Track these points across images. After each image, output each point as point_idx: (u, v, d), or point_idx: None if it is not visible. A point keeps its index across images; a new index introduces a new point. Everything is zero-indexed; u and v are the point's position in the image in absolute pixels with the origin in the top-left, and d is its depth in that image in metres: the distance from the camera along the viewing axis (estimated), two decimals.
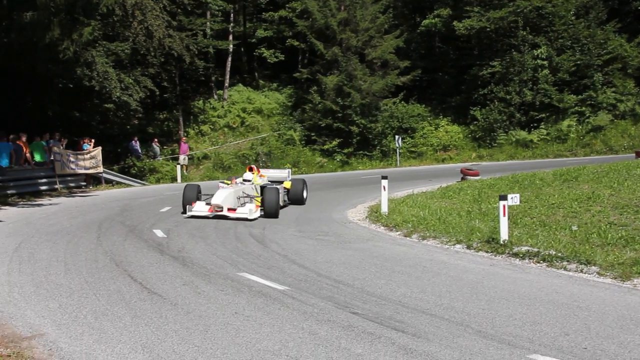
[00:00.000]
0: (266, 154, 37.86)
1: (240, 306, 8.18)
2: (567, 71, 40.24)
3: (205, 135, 41.20)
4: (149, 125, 39.07)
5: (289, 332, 7.07)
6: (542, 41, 40.61)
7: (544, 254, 11.17)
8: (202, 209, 17.46)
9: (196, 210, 17.41)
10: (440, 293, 8.92)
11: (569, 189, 17.96)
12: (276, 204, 17.45)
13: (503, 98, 40.14)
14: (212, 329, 7.17)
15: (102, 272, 10.23)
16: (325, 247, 12.78)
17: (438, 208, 16.99)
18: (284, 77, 46.73)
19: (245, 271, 10.32)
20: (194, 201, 17.81)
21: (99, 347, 6.56)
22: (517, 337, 6.93)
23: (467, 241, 12.85)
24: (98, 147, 28.32)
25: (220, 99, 43.82)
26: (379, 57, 41.22)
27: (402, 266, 10.89)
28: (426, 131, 41.98)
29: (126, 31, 31.30)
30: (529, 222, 14.22)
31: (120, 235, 14.26)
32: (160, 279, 9.74)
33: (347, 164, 38.85)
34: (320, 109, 39.62)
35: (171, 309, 8.04)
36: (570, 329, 7.20)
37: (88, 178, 28.10)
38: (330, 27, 40.63)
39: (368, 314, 7.78)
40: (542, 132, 40.03)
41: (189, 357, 6.27)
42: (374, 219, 16.61)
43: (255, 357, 6.26)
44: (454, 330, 7.15)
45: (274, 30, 46.15)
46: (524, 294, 8.89)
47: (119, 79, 31.01)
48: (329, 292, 8.96)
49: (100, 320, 7.56)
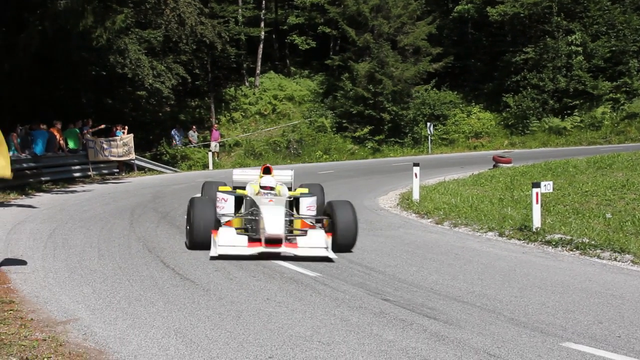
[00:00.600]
0: (297, 141, 37.89)
1: (272, 292, 8.21)
2: (602, 57, 39.68)
3: (237, 122, 41.31)
4: (180, 113, 39.24)
5: (320, 318, 7.09)
6: (577, 27, 40.07)
7: (577, 241, 11.09)
8: (239, 242, 10.35)
9: (228, 246, 10.27)
10: (472, 280, 8.89)
11: (602, 177, 17.80)
12: (356, 228, 11.14)
13: (536, 85, 39.71)
14: (244, 315, 7.20)
15: (135, 258, 10.32)
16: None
17: (470, 195, 16.91)
18: (315, 64, 46.66)
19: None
20: (214, 228, 10.63)
21: (133, 332, 6.62)
22: (549, 325, 6.88)
23: (499, 229, 12.79)
24: (130, 134, 28.51)
25: (251, 86, 43.89)
26: (411, 44, 40.99)
27: (434, 253, 10.87)
28: (458, 118, 41.70)
29: (158, 18, 31.38)
30: (562, 209, 14.12)
31: (153, 221, 14.38)
32: (192, 265, 9.80)
33: (379, 151, 38.74)
34: (351, 96, 39.53)
35: (203, 295, 8.10)
36: (604, 317, 7.14)
37: (120, 165, 28.33)
38: (362, 13, 40.45)
39: (399, 301, 7.77)
40: (576, 119, 39.56)
41: (221, 342, 6.30)
42: (405, 206, 16.58)
43: (287, 343, 6.28)
44: (486, 318, 7.12)
45: (305, 17, 46.08)
46: (556, 282, 8.83)
47: (151, 66, 31.16)
48: (361, 278, 8.96)
49: (134, 305, 7.63)
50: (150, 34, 32.74)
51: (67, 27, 23.58)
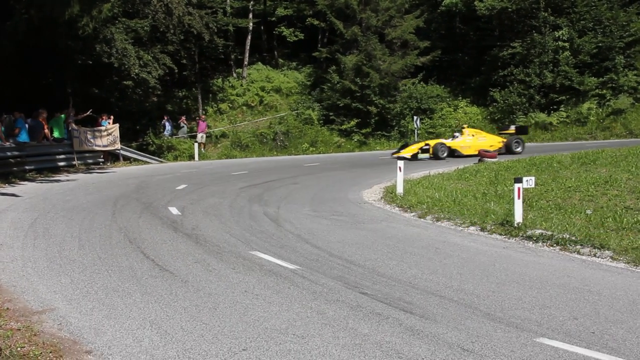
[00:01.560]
0: (284, 133, 37.84)
1: (251, 284, 8.22)
2: (589, 53, 39.77)
3: (224, 113, 41.22)
4: (167, 103, 39.12)
5: (297, 311, 7.10)
6: (564, 23, 40.16)
7: (558, 237, 11.11)
8: None
9: None
10: (451, 275, 8.92)
11: (586, 173, 17.86)
12: None
13: (523, 80, 39.79)
14: (220, 307, 7.21)
15: (115, 249, 10.31)
16: (338, 227, 12.79)
17: (454, 190, 16.94)
18: (303, 56, 46.58)
19: (258, 250, 10.36)
20: None
21: (108, 323, 6.63)
22: (525, 320, 6.91)
23: (482, 223, 12.81)
24: (116, 124, 28.44)
25: (239, 77, 43.79)
26: (398, 37, 40.98)
27: (415, 247, 10.89)
28: (445, 112, 41.74)
29: (146, 8, 31.26)
30: (544, 205, 14.16)
31: (135, 212, 14.35)
32: (172, 256, 9.80)
33: (365, 144, 38.75)
34: (338, 88, 39.49)
35: (181, 286, 8.10)
36: (580, 313, 7.17)
37: (106, 155, 28.27)
38: (350, 6, 40.40)
39: (377, 295, 7.79)
40: (562, 114, 39.65)
41: (196, 334, 6.31)
42: (389, 200, 16.58)
43: (262, 335, 6.30)
44: (462, 312, 7.14)
45: (294, 9, 46.00)
46: (535, 277, 8.86)
47: (138, 56, 31.06)
48: (340, 272, 8.98)
49: (111, 296, 7.63)
50: (137, 23, 32.60)
51: (53, 16, 23.45)
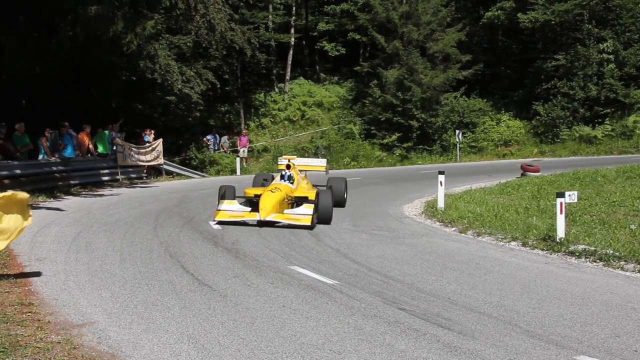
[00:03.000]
0: (325, 148, 37.91)
1: (289, 299, 8.22)
2: (634, 65, 39.23)
3: (266, 128, 41.49)
4: (210, 118, 39.51)
5: (334, 326, 7.08)
6: (609, 35, 39.67)
7: (601, 253, 10.95)
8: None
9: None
10: (490, 291, 8.82)
11: (631, 187, 17.60)
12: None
13: (566, 93, 39.35)
14: (258, 321, 7.22)
15: (155, 263, 10.39)
16: (378, 242, 12.75)
17: (495, 204, 16.79)
18: (344, 71, 46.71)
19: (297, 264, 10.37)
20: None
21: (146, 337, 6.68)
22: (565, 337, 6.80)
23: (523, 238, 12.68)
24: (159, 139, 28.73)
25: (281, 92, 44.05)
26: (440, 51, 40.89)
27: (455, 262, 10.80)
28: (487, 126, 41.42)
29: (188, 24, 31.55)
30: (588, 219, 13.97)
31: (177, 226, 14.46)
32: (211, 271, 9.85)
33: (407, 159, 38.64)
34: (380, 102, 39.50)
35: (220, 301, 8.13)
36: (622, 331, 7.04)
37: (149, 169, 28.56)
38: (391, 20, 40.44)
39: (415, 310, 7.74)
40: (607, 127, 39.12)
41: (233, 349, 6.33)
42: (429, 215, 16.51)
43: (298, 350, 6.29)
44: (501, 329, 7.06)
45: (335, 24, 46.17)
46: (577, 293, 8.73)
47: (181, 71, 31.41)
48: (379, 287, 8.94)
49: (150, 310, 7.68)
50: (180, 39, 33.03)
51: (97, 33, 23.82)
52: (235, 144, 37.24)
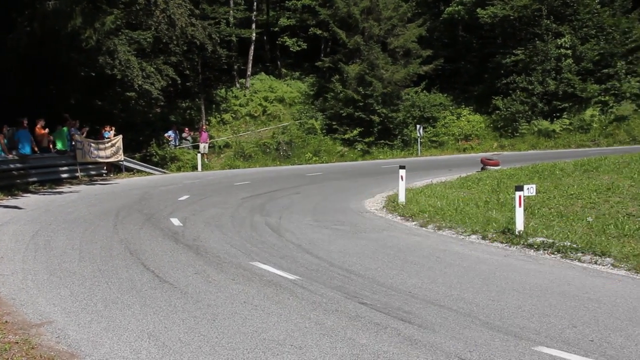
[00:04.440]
0: (287, 143, 37.87)
1: (250, 295, 8.21)
2: (591, 60, 39.82)
3: (227, 123, 41.31)
4: (170, 114, 39.21)
5: (295, 321, 7.10)
6: (566, 30, 40.21)
7: (559, 245, 11.10)
8: None
9: None
10: (451, 284, 8.90)
11: (588, 180, 17.83)
12: None
13: (525, 87, 39.83)
14: (219, 318, 7.21)
15: (115, 260, 10.31)
16: (340, 237, 12.78)
17: (456, 198, 16.91)
18: (306, 66, 46.68)
19: (258, 260, 10.36)
20: None
21: (106, 335, 6.63)
22: (524, 328, 6.90)
23: (483, 232, 12.79)
24: (119, 136, 28.49)
25: (242, 87, 43.88)
26: (401, 46, 41.07)
27: (416, 256, 10.87)
28: (448, 120, 41.76)
29: (148, 20, 31.29)
30: (546, 212, 14.14)
31: (137, 223, 14.36)
32: (172, 268, 9.80)
33: (368, 153, 38.77)
34: (341, 98, 39.56)
35: (181, 298, 8.10)
36: (579, 321, 7.15)
37: (109, 166, 28.31)
38: (352, 15, 40.51)
39: (376, 305, 7.78)
40: (565, 122, 39.66)
41: (194, 346, 6.31)
42: (391, 209, 16.58)
43: (260, 346, 6.29)
44: (462, 322, 7.13)
45: (296, 19, 46.11)
46: (535, 285, 8.84)
47: (141, 67, 31.11)
48: (340, 282, 8.97)
49: (110, 308, 7.63)
50: (140, 35, 32.69)
51: (55, 28, 23.54)
52: (196, 139, 37.02)
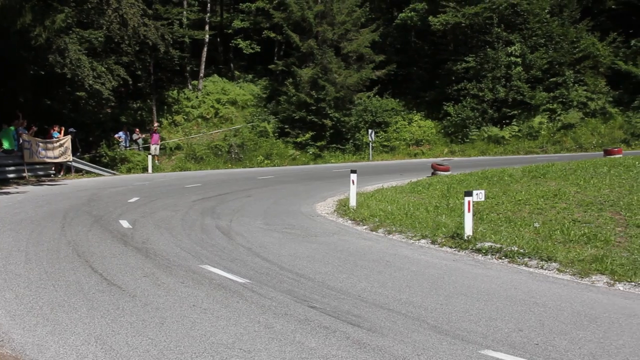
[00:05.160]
0: (239, 146, 37.74)
1: (199, 299, 8.17)
2: (540, 69, 40.52)
3: (179, 125, 40.98)
4: (121, 115, 38.76)
5: (244, 325, 7.08)
6: (516, 38, 40.84)
7: (506, 250, 11.26)
8: None
9: None
10: (400, 288, 8.96)
11: (536, 186, 18.09)
12: None
13: (476, 94, 40.33)
14: (167, 321, 7.16)
15: (63, 263, 10.17)
16: (290, 241, 12.78)
17: (406, 203, 17.03)
18: (259, 69, 46.55)
19: (208, 263, 10.31)
20: None
21: (52, 339, 6.54)
22: (471, 332, 6.98)
23: (432, 236, 12.91)
24: (68, 136, 28.10)
25: (194, 89, 43.57)
26: (354, 51, 41.22)
27: (366, 260, 10.92)
28: (399, 126, 42.03)
29: (100, 19, 30.94)
30: (494, 218, 14.31)
31: (85, 225, 14.17)
32: (121, 271, 9.70)
33: (320, 157, 38.84)
34: (294, 101, 39.55)
35: (129, 301, 8.02)
36: (525, 325, 7.26)
37: (57, 167, 27.89)
38: (306, 19, 40.55)
39: (326, 308, 7.80)
40: (514, 128, 40.27)
41: (142, 349, 6.26)
42: (342, 213, 16.63)
43: (208, 350, 6.27)
44: (410, 325, 7.19)
45: (250, 22, 45.93)
46: (483, 289, 8.95)
47: (92, 67, 30.71)
48: (290, 285, 8.97)
49: (56, 311, 7.52)
50: (92, 34, 32.30)
51: (4, 25, 23.12)
52: (147, 140, 36.67)
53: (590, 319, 7.54)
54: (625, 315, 7.70)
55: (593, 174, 18.69)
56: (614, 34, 42.16)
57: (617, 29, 42.59)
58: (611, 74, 41.80)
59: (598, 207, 14.23)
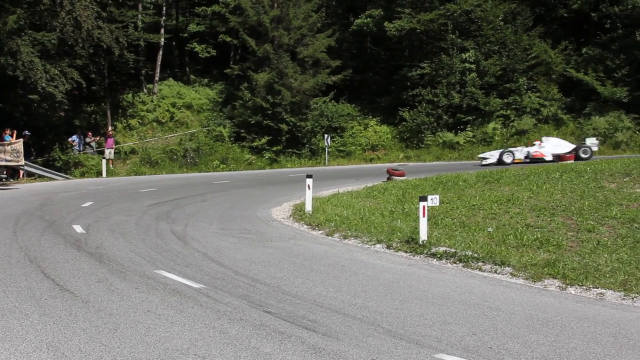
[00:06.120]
0: (194, 150, 37.53)
1: (154, 304, 8.10)
2: (494, 75, 41.00)
3: (134, 129, 40.58)
4: (75, 118, 38.27)
5: (199, 330, 7.04)
6: (471, 45, 41.25)
7: (461, 254, 11.37)
8: None
9: None
10: (355, 292, 9.00)
11: (490, 191, 18.29)
12: None
13: (431, 100, 40.63)
14: (121, 328, 7.09)
15: (14, 268, 10.01)
16: (246, 246, 12.76)
17: (362, 207, 17.10)
18: (215, 73, 46.32)
19: (163, 269, 10.23)
20: None
21: (2, 346, 6.43)
22: (425, 336, 7.03)
23: (388, 241, 12.98)
24: (20, 139, 27.66)
25: (149, 93, 43.21)
26: (310, 56, 41.27)
27: (321, 265, 10.94)
28: (355, 131, 42.15)
29: (53, 21, 30.61)
30: (449, 222, 14.44)
31: (38, 230, 13.97)
32: (74, 276, 9.58)
33: (276, 162, 38.79)
34: (250, 105, 39.45)
35: (82, 307, 7.92)
36: (478, 329, 7.34)
37: (8, 171, 27.42)
38: (262, 23, 40.48)
39: (281, 313, 7.80)
40: (469, 134, 40.65)
41: (95, 356, 6.18)
42: (297, 218, 16.64)
43: (162, 356, 6.22)
44: (365, 330, 7.21)
45: (206, 25, 45.69)
46: (437, 294, 9.03)
47: (45, 69, 30.33)
48: (245, 290, 8.95)
49: (7, 317, 7.40)
50: (45, 36, 31.88)
51: None
52: (101, 144, 36.27)
53: (543, 322, 7.65)
54: (576, 318, 7.83)
55: (546, 179, 18.96)
56: (566, 42, 42.91)
57: (569, 37, 43.39)
58: (563, 81, 42.51)
59: (550, 212, 14.45)
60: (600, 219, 13.34)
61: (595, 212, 13.91)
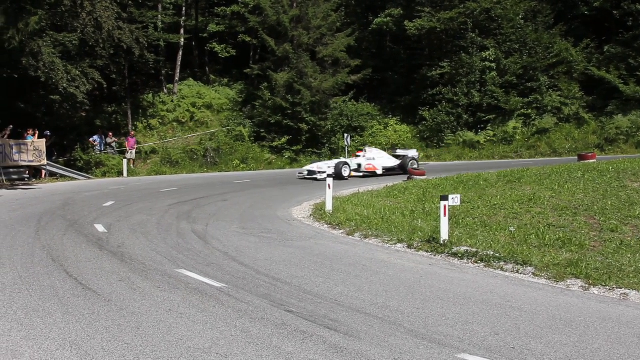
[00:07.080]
0: (215, 150, 37.60)
1: (175, 303, 8.13)
2: (514, 74, 40.78)
3: (154, 129, 40.72)
4: (96, 118, 38.48)
5: (221, 330, 7.05)
6: (491, 44, 41.07)
7: (482, 254, 11.32)
8: None
9: None
10: (376, 292, 8.98)
11: (511, 190, 18.20)
12: None
13: (451, 99, 40.51)
14: (144, 326, 7.12)
15: (37, 267, 10.08)
16: (266, 245, 12.77)
17: (382, 207, 17.08)
18: (234, 73, 46.42)
19: (184, 268, 10.27)
20: None
21: (27, 344, 6.47)
22: (447, 336, 7.01)
23: (409, 240, 12.95)
24: (42, 139, 27.86)
25: (170, 93, 43.36)
26: (330, 55, 41.23)
27: (342, 265, 10.93)
28: (375, 130, 42.09)
29: (75, 22, 30.68)
30: (470, 222, 14.38)
31: (60, 229, 14.06)
32: (96, 275, 9.63)
33: (296, 162, 38.75)
34: (270, 105, 39.48)
35: (104, 306, 7.96)
36: (501, 329, 7.30)
37: (31, 171, 27.65)
38: (282, 23, 40.51)
39: (302, 312, 7.79)
40: (489, 133, 40.47)
41: (118, 355, 6.21)
42: (318, 217, 16.64)
43: (185, 355, 6.23)
44: (387, 329, 7.20)
45: (226, 25, 45.80)
46: (459, 293, 8.99)
47: (66, 70, 30.46)
48: (266, 290, 8.95)
49: (31, 316, 7.45)
50: (66, 37, 32.05)
51: None
52: (121, 144, 36.45)
53: (566, 322, 7.59)
54: (600, 319, 7.77)
55: (567, 178, 18.84)
56: (587, 40, 42.54)
57: (591, 35, 43.01)
58: (585, 80, 42.13)
59: (572, 211, 14.35)
60: (623, 219, 13.24)
61: (618, 212, 13.81)
